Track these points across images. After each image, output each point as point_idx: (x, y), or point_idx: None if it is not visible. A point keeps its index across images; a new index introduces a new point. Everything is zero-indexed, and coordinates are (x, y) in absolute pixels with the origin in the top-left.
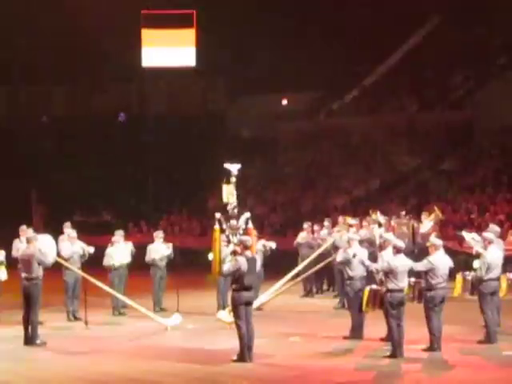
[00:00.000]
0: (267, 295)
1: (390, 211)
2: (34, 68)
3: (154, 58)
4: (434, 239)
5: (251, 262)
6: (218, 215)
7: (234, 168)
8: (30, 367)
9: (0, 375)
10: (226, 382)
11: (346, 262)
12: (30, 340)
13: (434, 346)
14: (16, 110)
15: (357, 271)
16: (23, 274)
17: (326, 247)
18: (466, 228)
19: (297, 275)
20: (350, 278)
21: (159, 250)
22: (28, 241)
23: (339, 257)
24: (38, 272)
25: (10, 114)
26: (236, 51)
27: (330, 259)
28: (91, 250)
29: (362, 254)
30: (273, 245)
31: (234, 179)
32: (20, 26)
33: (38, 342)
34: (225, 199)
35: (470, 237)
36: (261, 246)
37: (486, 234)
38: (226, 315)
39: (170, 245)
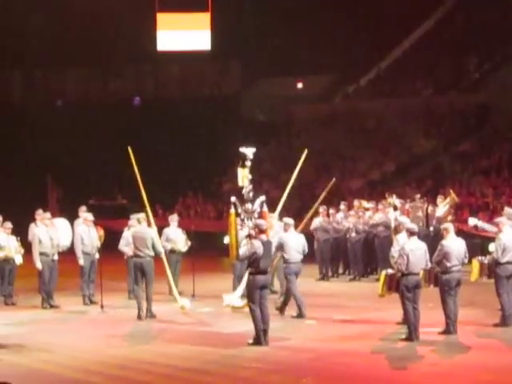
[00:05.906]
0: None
1: (405, 194)
2: (49, 52)
3: (168, 42)
4: (445, 224)
5: (266, 245)
6: (233, 199)
7: (249, 152)
8: (45, 350)
9: (15, 358)
10: (241, 365)
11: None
12: (146, 313)
13: (449, 329)
14: (31, 95)
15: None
16: (136, 252)
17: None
18: (480, 212)
19: None
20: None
21: (174, 233)
22: (139, 221)
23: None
24: (150, 250)
25: (24, 99)
26: (251, 35)
27: None
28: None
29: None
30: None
31: (249, 163)
32: (34, 10)
33: (149, 314)
34: (240, 183)
35: (474, 222)
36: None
37: (497, 219)
38: (234, 299)
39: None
